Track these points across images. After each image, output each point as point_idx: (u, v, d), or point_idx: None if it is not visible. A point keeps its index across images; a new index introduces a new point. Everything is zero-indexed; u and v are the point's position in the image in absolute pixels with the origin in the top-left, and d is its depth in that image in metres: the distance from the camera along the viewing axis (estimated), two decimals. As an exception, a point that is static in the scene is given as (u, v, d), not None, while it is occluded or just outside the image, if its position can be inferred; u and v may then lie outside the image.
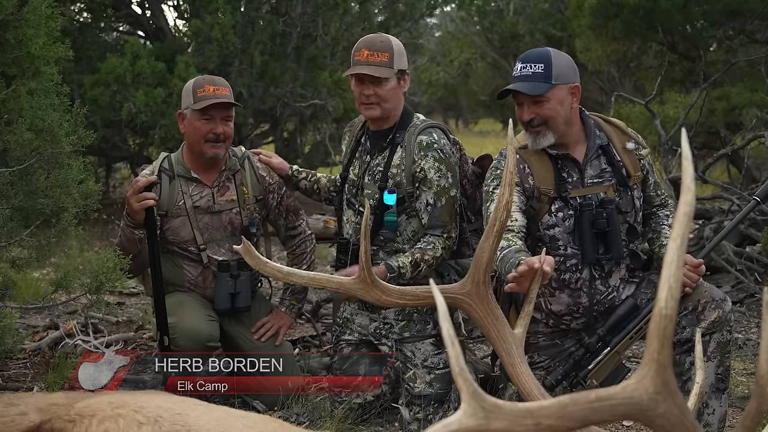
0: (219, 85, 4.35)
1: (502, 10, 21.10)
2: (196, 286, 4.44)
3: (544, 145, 3.66)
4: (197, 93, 4.29)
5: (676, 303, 1.51)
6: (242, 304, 4.43)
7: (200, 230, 4.38)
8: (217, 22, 10.16)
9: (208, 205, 4.39)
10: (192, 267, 4.41)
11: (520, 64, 3.66)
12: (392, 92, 4.01)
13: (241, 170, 4.48)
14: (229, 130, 4.34)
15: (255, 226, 4.48)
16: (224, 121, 4.32)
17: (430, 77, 27.36)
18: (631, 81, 14.11)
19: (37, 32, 3.91)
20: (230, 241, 4.42)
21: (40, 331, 5.67)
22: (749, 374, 4.87)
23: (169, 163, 4.42)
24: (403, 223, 4.06)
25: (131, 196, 4.15)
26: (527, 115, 3.64)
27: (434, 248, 3.98)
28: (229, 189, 4.45)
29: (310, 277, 2.88)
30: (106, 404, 2.29)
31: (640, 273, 3.80)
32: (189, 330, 4.22)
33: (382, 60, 3.97)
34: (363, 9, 12.02)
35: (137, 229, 4.22)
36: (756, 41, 9.97)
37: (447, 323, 1.47)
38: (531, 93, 3.58)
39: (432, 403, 4.02)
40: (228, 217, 4.43)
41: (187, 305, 4.31)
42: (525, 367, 2.54)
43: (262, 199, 4.53)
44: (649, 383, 1.53)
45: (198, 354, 4.34)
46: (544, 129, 3.63)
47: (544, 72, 3.59)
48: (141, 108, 9.60)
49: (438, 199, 3.99)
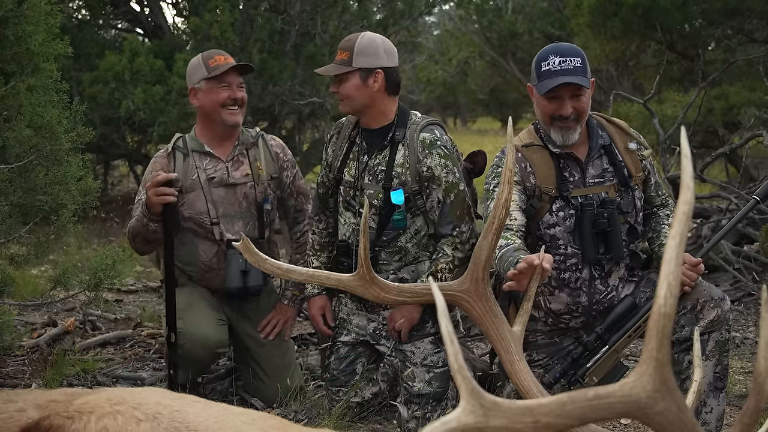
0: (225, 54, 4.47)
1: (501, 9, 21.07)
2: (210, 269, 4.41)
3: (574, 140, 3.66)
4: (209, 64, 4.37)
5: (675, 301, 1.51)
6: (254, 283, 4.38)
7: (214, 203, 4.38)
8: (216, 19, 10.16)
9: (222, 177, 4.41)
10: (207, 247, 4.39)
11: (557, 57, 3.60)
12: (353, 89, 4.02)
13: (255, 147, 4.52)
14: (244, 95, 4.44)
15: (269, 203, 4.47)
16: (240, 87, 4.43)
17: (428, 75, 27.35)
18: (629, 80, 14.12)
19: (37, 29, 3.91)
20: (245, 218, 4.42)
21: (39, 328, 5.67)
22: (747, 373, 4.88)
23: (183, 142, 4.46)
24: (408, 221, 4.06)
25: (149, 188, 4.12)
26: (568, 109, 3.61)
27: (445, 255, 3.99)
28: (244, 164, 4.47)
29: (309, 274, 2.88)
30: (104, 401, 2.29)
31: (639, 272, 3.81)
32: (199, 336, 4.22)
33: (341, 58, 4.03)
34: (362, 7, 12.01)
35: (152, 222, 4.19)
36: (754, 40, 9.98)
37: (446, 321, 1.47)
38: (587, 85, 3.58)
39: (430, 402, 4.02)
40: (243, 192, 4.43)
41: (195, 308, 4.31)
42: (523, 365, 2.54)
43: (276, 177, 4.54)
44: (647, 381, 1.54)
45: (206, 361, 4.35)
46: (575, 124, 3.63)
47: (582, 66, 3.61)
48: (139, 105, 9.61)
49: (447, 195, 3.99)
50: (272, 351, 4.47)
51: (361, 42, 4.01)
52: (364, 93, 4.03)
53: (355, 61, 4.00)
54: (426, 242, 4.11)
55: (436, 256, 4.03)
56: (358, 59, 4.00)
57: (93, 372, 4.86)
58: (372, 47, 4.02)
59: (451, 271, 3.96)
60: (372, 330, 4.20)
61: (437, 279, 3.93)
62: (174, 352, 4.22)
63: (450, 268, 3.97)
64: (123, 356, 5.33)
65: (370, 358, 4.27)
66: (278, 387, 4.34)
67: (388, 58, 4.05)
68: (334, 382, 4.24)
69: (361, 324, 4.22)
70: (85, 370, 4.85)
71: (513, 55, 20.61)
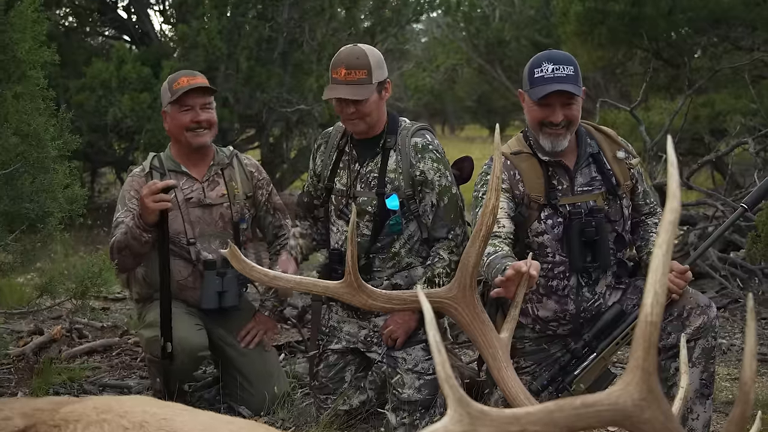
0: (193, 75, 4.40)
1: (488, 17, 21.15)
2: (185, 288, 4.41)
3: (562, 147, 3.66)
4: (173, 86, 4.32)
5: (662, 309, 1.52)
6: (229, 303, 4.39)
7: (191, 223, 4.37)
8: (204, 27, 10.16)
9: (199, 198, 4.40)
10: (182, 266, 4.38)
11: (550, 65, 3.60)
12: (374, 106, 3.97)
13: (230, 166, 4.50)
14: (210, 116, 4.36)
15: (245, 223, 4.48)
16: (204, 109, 4.34)
17: (416, 83, 27.43)
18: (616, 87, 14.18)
19: (24, 36, 3.90)
20: (221, 237, 4.41)
21: (25, 337, 5.65)
22: (733, 379, 4.89)
23: (159, 161, 4.44)
24: (402, 226, 4.06)
25: (147, 196, 4.09)
26: (559, 117, 3.61)
27: (441, 259, 3.99)
28: (219, 184, 4.46)
29: (296, 281, 2.88)
30: (91, 409, 2.28)
31: (627, 279, 3.81)
32: (181, 341, 4.21)
33: (361, 78, 3.90)
34: (349, 15, 12.02)
35: (147, 232, 4.17)
36: (740, 48, 10.04)
37: (433, 329, 1.48)
38: (579, 93, 3.59)
39: (419, 409, 4.02)
40: (219, 212, 4.43)
41: (175, 316, 4.29)
42: (511, 372, 2.54)
43: (251, 197, 4.53)
44: (634, 389, 1.54)
45: (189, 366, 4.34)
46: (565, 131, 3.64)
47: (575, 74, 3.61)
48: (127, 113, 9.59)
49: (441, 198, 3.99)
50: (254, 359, 4.46)
51: (373, 56, 3.96)
52: (379, 106, 4.01)
53: (375, 76, 3.95)
54: (418, 247, 4.11)
55: (431, 261, 4.03)
56: (375, 74, 3.94)
57: (79, 380, 4.84)
58: (380, 59, 4.00)
59: (448, 275, 3.95)
60: (363, 337, 4.19)
61: (435, 284, 3.92)
62: (169, 361, 4.21)
63: (447, 272, 3.96)
64: (110, 364, 5.31)
65: (359, 365, 4.26)
66: (264, 395, 4.34)
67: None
68: (322, 390, 4.23)
69: (352, 331, 4.21)
70: (71, 378, 4.83)
71: (500, 63, 20.69)
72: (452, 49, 24.90)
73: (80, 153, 10.17)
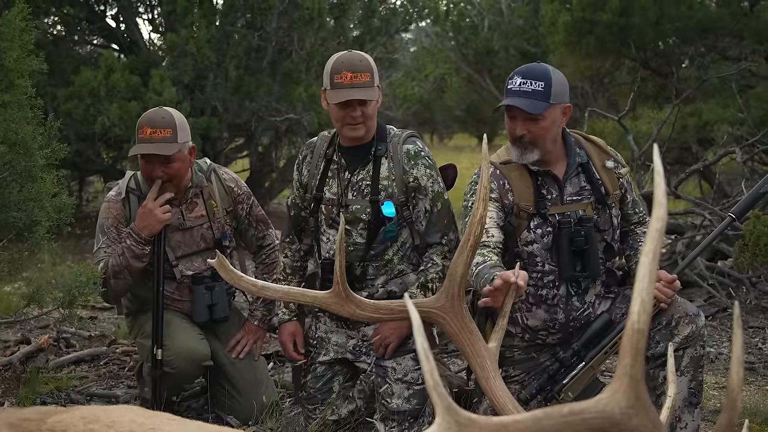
0: (157, 126, 4.19)
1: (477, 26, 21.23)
2: (173, 302, 4.41)
3: (529, 161, 3.67)
4: (138, 133, 4.20)
5: (649, 317, 1.52)
6: (220, 315, 4.43)
7: (172, 248, 4.37)
8: (192, 36, 10.15)
9: (178, 222, 4.37)
10: (166, 283, 4.37)
11: (519, 78, 3.62)
12: (374, 109, 4.01)
13: (209, 184, 4.47)
14: (170, 170, 4.23)
15: (227, 239, 4.47)
16: (163, 165, 4.21)
17: (405, 92, 27.48)
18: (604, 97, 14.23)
19: (11, 45, 3.89)
20: (204, 255, 4.41)
21: (12, 346, 5.62)
22: (721, 388, 4.91)
23: (136, 183, 4.39)
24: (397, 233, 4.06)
25: (155, 208, 4.14)
26: (520, 130, 3.62)
27: (434, 265, 4.00)
28: (198, 205, 4.43)
29: (284, 291, 2.87)
30: (78, 419, 2.27)
31: (616, 288, 3.82)
32: (186, 351, 4.21)
33: (366, 81, 3.91)
34: (338, 24, 12.03)
35: (148, 245, 4.20)
36: (727, 58, 10.09)
37: (421, 337, 1.48)
38: (532, 111, 3.56)
39: (408, 419, 4.01)
40: (199, 233, 4.42)
41: (176, 325, 4.30)
42: (499, 381, 2.54)
43: (231, 211, 4.52)
44: (621, 397, 1.54)
45: (193, 375, 4.34)
46: (532, 146, 3.64)
47: (544, 90, 3.57)
48: (115, 121, 9.56)
49: (434, 204, 4.00)
50: (243, 369, 4.46)
51: (372, 61, 3.99)
52: (376, 110, 4.04)
53: (376, 80, 3.97)
54: (410, 254, 4.11)
55: (424, 267, 4.03)
56: (376, 77, 3.98)
57: (67, 390, 4.82)
58: (373, 63, 4.02)
59: (441, 281, 3.95)
60: (352, 347, 4.17)
61: (428, 289, 3.93)
62: (158, 369, 4.20)
63: (440, 278, 3.96)
64: (97, 374, 5.29)
65: (347, 376, 4.25)
66: (253, 404, 4.33)
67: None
68: (310, 401, 4.22)
69: (341, 341, 4.20)
70: (58, 387, 4.81)
71: (489, 72, 20.76)
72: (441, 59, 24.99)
73: (68, 162, 10.20)
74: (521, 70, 3.66)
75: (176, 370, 4.20)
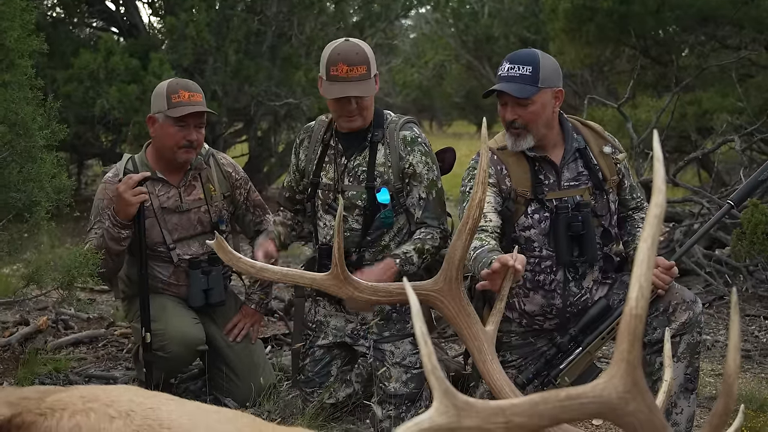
0: (193, 90, 4.27)
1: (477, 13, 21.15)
2: (170, 286, 4.41)
3: (523, 147, 3.68)
4: (171, 99, 4.20)
5: (647, 303, 1.53)
6: (216, 300, 4.43)
7: (169, 230, 4.36)
8: (192, 19, 10.12)
9: (175, 204, 4.36)
10: (163, 267, 4.38)
11: (507, 64, 3.65)
12: (372, 100, 4.00)
13: (207, 168, 4.46)
14: (201, 136, 4.29)
15: (224, 223, 4.47)
16: (197, 128, 4.26)
17: (404, 78, 27.42)
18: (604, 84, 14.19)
19: (12, 24, 3.88)
20: (200, 239, 4.41)
21: (10, 327, 5.63)
22: (717, 375, 4.92)
23: (133, 165, 4.37)
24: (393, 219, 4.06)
25: (125, 191, 4.08)
26: (510, 115, 3.64)
27: (433, 238, 3.99)
28: (196, 188, 4.42)
29: (283, 273, 2.88)
30: (77, 398, 2.28)
31: (613, 274, 3.83)
32: (180, 336, 4.22)
33: (363, 73, 3.87)
34: (338, 9, 12.02)
35: (125, 228, 4.16)
36: (727, 47, 10.07)
37: (419, 321, 1.49)
38: (518, 95, 3.58)
39: (405, 402, 4.02)
40: (197, 216, 4.41)
41: (170, 310, 4.30)
42: (496, 365, 2.55)
43: (229, 196, 4.51)
44: (618, 382, 1.55)
45: (188, 360, 4.35)
46: (524, 132, 3.65)
47: (531, 75, 3.60)
48: (114, 104, 9.54)
49: (429, 192, 4.00)
50: (240, 352, 4.47)
51: (368, 50, 3.95)
52: (372, 100, 4.03)
53: (372, 69, 3.94)
54: (406, 240, 4.10)
55: (422, 236, 4.00)
56: (372, 68, 3.94)
57: (65, 371, 4.83)
58: (371, 52, 4.00)
59: (432, 256, 3.98)
60: (350, 330, 4.19)
61: (422, 256, 3.93)
62: (149, 352, 4.21)
63: (432, 253, 3.98)
64: (95, 355, 5.30)
65: (345, 359, 4.26)
66: (251, 386, 4.35)
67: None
68: (308, 384, 4.23)
69: (339, 325, 4.21)
70: (57, 369, 4.82)
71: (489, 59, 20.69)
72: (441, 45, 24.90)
73: (67, 144, 10.18)
74: (510, 56, 3.70)
75: (170, 354, 4.21)
